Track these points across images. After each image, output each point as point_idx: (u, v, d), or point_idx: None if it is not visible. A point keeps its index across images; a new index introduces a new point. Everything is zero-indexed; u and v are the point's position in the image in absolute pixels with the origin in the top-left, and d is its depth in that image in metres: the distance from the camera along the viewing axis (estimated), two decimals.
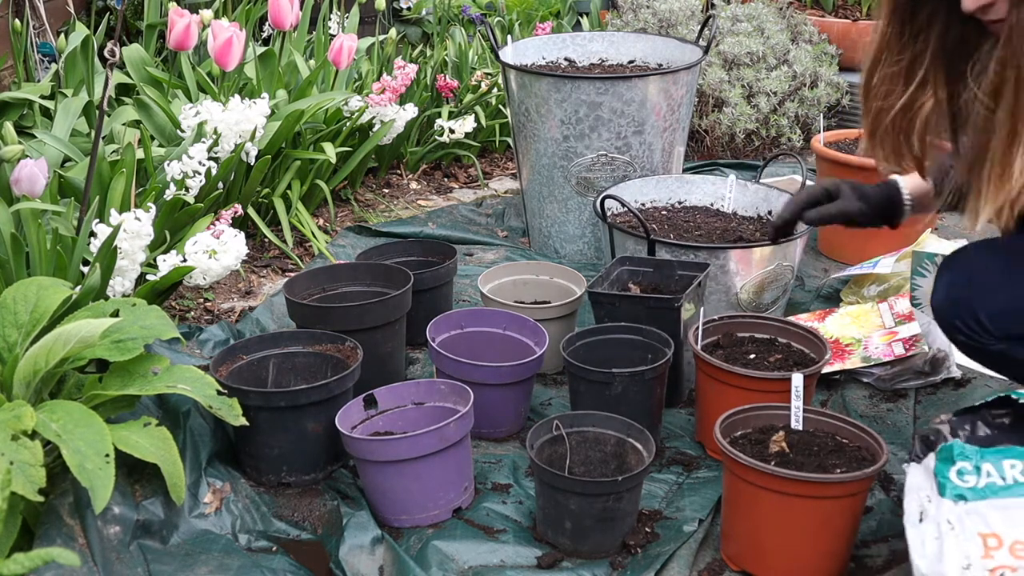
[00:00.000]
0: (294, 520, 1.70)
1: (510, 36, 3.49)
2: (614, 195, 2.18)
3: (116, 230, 1.85)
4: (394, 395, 1.78)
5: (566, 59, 2.99)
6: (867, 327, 2.19)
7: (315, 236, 2.70)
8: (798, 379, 1.61)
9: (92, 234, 1.93)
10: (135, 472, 1.59)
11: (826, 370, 2.06)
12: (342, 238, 2.78)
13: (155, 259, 2.04)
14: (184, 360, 1.91)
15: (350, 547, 1.59)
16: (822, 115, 3.26)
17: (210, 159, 2.29)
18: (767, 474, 1.46)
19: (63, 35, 2.93)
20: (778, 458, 1.55)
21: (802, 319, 2.25)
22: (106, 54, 1.88)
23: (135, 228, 1.91)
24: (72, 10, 3.26)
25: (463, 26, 4.21)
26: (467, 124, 3.24)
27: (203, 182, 2.25)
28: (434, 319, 2.00)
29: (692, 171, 3.30)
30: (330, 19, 3.56)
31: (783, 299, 2.23)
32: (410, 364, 2.20)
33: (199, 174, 2.23)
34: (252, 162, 2.50)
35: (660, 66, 2.91)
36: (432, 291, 2.23)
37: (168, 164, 2.24)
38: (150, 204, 2.05)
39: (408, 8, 4.37)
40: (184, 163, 2.23)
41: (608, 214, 2.25)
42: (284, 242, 2.63)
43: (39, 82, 2.96)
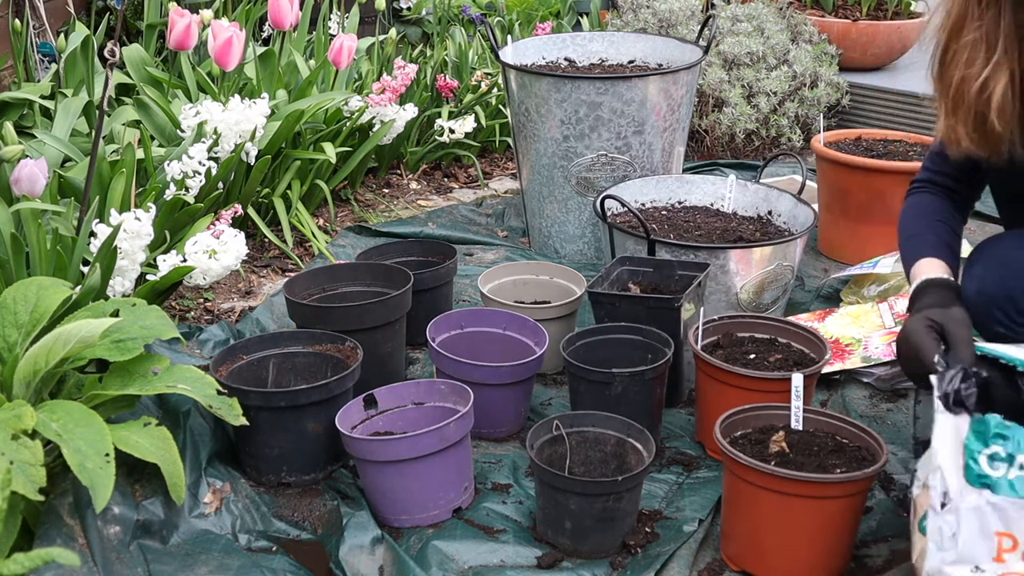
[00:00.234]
0: (294, 520, 1.69)
1: (510, 36, 3.50)
2: (614, 195, 2.18)
3: (116, 230, 1.85)
4: (394, 395, 1.78)
5: (566, 59, 2.99)
6: (867, 327, 2.19)
7: (315, 236, 2.70)
8: (798, 379, 1.61)
9: (92, 234, 1.93)
10: (135, 472, 1.59)
11: (826, 370, 2.06)
12: (342, 238, 2.78)
13: (155, 259, 2.04)
14: (184, 360, 1.91)
15: (350, 547, 1.59)
16: (822, 115, 3.26)
17: (210, 159, 2.29)
18: (767, 474, 1.46)
19: (63, 35, 2.93)
20: (778, 458, 1.55)
21: (802, 319, 2.25)
22: (106, 54, 1.88)
23: (135, 228, 1.91)
24: (72, 10, 3.26)
25: (463, 26, 4.21)
26: (467, 124, 3.24)
27: (203, 182, 2.25)
28: (434, 319, 2.00)
29: (692, 171, 3.30)
30: (330, 19, 3.56)
31: (783, 299, 2.23)
32: (410, 364, 2.20)
33: (199, 174, 2.23)
34: (252, 162, 2.50)
35: (660, 66, 2.91)
36: (432, 291, 2.23)
37: (168, 164, 2.24)
38: (150, 204, 2.05)
39: (408, 8, 4.37)
40: (184, 163, 2.23)
41: (608, 214, 2.25)
42: (284, 242, 2.63)
43: (39, 82, 2.96)
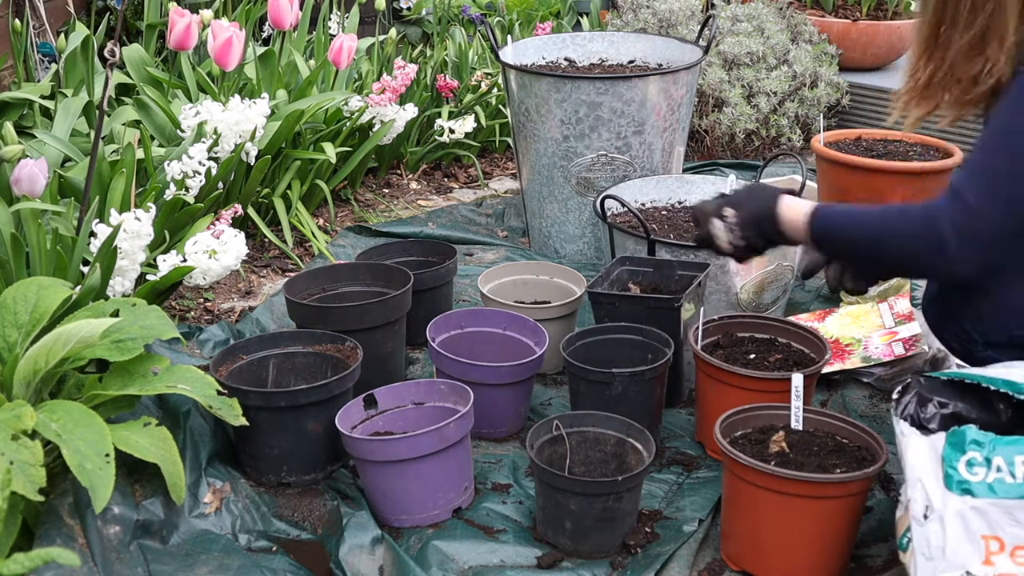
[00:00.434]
0: (294, 520, 1.69)
1: (510, 36, 3.50)
2: (614, 195, 2.18)
3: (116, 230, 1.85)
4: (394, 395, 1.78)
5: (566, 59, 2.99)
6: (867, 327, 2.19)
7: (315, 236, 2.70)
8: (798, 379, 1.61)
9: (92, 234, 1.93)
10: (135, 472, 1.59)
11: (826, 370, 2.06)
12: (342, 238, 2.78)
13: (155, 259, 2.04)
14: (184, 360, 1.91)
15: (350, 547, 1.59)
16: (822, 115, 3.26)
17: (210, 159, 2.29)
18: (767, 474, 1.46)
19: (63, 35, 2.93)
20: (778, 458, 1.55)
21: (802, 319, 2.25)
22: (106, 54, 1.88)
23: (135, 228, 1.91)
24: (72, 10, 3.26)
25: (463, 26, 4.21)
26: (467, 124, 3.24)
27: (203, 182, 2.25)
28: (434, 319, 2.00)
29: (692, 171, 3.30)
30: (330, 19, 3.56)
31: (783, 299, 2.23)
32: (410, 364, 2.20)
33: (199, 174, 2.23)
34: (252, 162, 2.50)
35: (660, 66, 2.91)
36: (432, 291, 2.23)
37: (168, 164, 2.24)
38: (150, 204, 2.05)
39: (408, 8, 4.37)
40: (184, 163, 2.23)
41: (608, 214, 2.25)
42: (284, 242, 2.63)
43: (39, 82, 2.96)
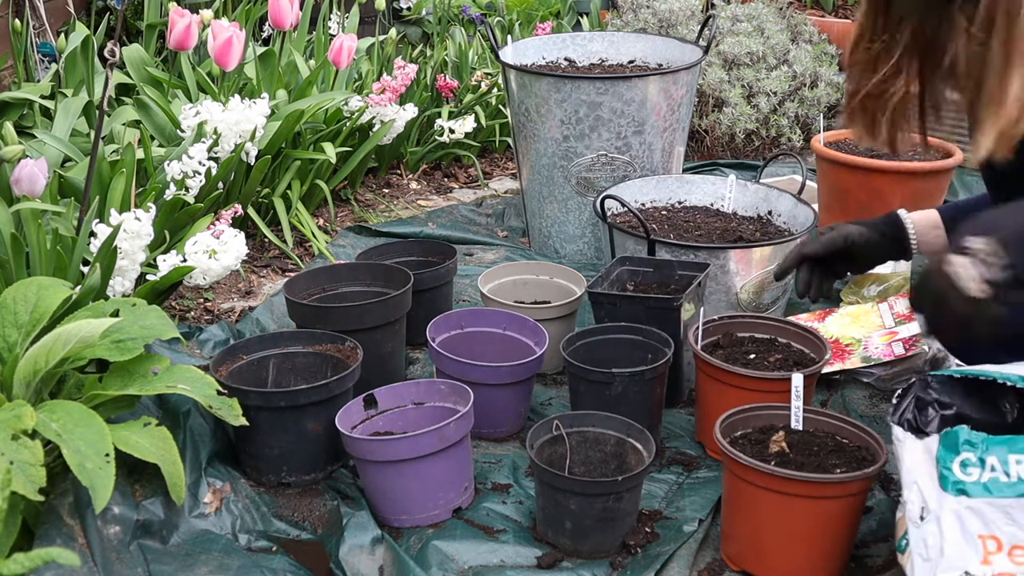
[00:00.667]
0: (294, 520, 1.69)
1: (510, 36, 3.50)
2: (614, 195, 2.17)
3: (116, 230, 1.85)
4: (394, 395, 1.78)
5: (566, 59, 2.99)
6: (867, 327, 2.19)
7: (315, 236, 2.70)
8: (798, 379, 1.61)
9: (92, 234, 1.93)
10: (135, 472, 1.59)
11: (826, 370, 2.06)
12: (342, 238, 2.78)
13: (155, 259, 2.04)
14: (184, 360, 1.91)
15: (350, 547, 1.59)
16: (822, 115, 3.26)
17: (210, 159, 2.29)
18: (767, 474, 1.46)
19: (63, 35, 2.93)
20: (778, 458, 1.55)
21: (802, 319, 2.25)
22: (106, 54, 1.88)
23: (135, 228, 1.91)
24: (72, 10, 3.26)
25: (463, 26, 4.21)
26: (467, 124, 3.24)
27: (203, 182, 2.25)
28: (434, 319, 2.00)
29: (692, 171, 3.30)
30: (330, 19, 3.57)
31: (783, 299, 2.23)
32: (410, 364, 2.20)
33: (199, 174, 2.23)
34: (252, 162, 2.50)
35: (660, 66, 2.91)
36: (432, 291, 2.23)
37: (168, 164, 2.24)
38: (150, 204, 2.05)
39: (408, 8, 4.37)
40: (184, 163, 2.23)
41: (608, 214, 2.25)
42: (284, 242, 2.63)
43: (39, 82, 2.97)
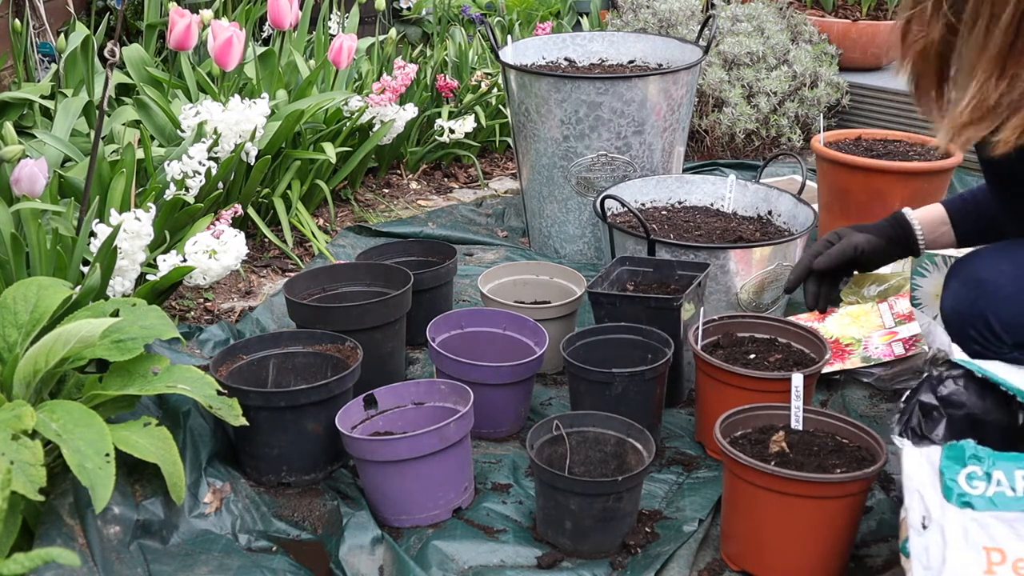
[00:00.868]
0: (294, 520, 1.69)
1: (510, 36, 3.50)
2: (614, 195, 2.17)
3: (116, 230, 1.85)
4: (394, 395, 1.78)
5: (566, 59, 2.99)
6: (867, 327, 2.19)
7: (315, 236, 2.70)
8: (798, 379, 1.61)
9: (92, 234, 1.93)
10: (135, 472, 1.59)
11: (826, 370, 2.06)
12: (342, 238, 2.78)
13: (155, 259, 2.04)
14: (184, 360, 1.91)
15: (350, 547, 1.59)
16: (822, 115, 3.26)
17: (210, 159, 2.29)
18: (767, 474, 1.46)
19: (63, 35, 2.92)
20: (778, 458, 1.55)
21: (802, 319, 2.25)
22: (106, 54, 1.88)
23: (135, 228, 1.91)
24: (72, 10, 3.26)
25: (463, 26, 4.21)
26: (467, 124, 3.24)
27: (203, 182, 2.25)
28: (434, 319, 2.00)
29: (692, 171, 3.30)
30: (330, 19, 3.57)
31: (783, 299, 2.23)
32: (410, 364, 2.20)
33: (199, 174, 2.23)
34: (252, 162, 2.50)
35: (660, 66, 2.91)
36: (432, 291, 2.23)
37: (168, 164, 2.24)
38: (150, 204, 2.05)
39: (408, 8, 4.37)
40: (184, 163, 2.23)
41: (608, 214, 2.25)
42: (284, 242, 2.63)
43: (39, 82, 2.96)
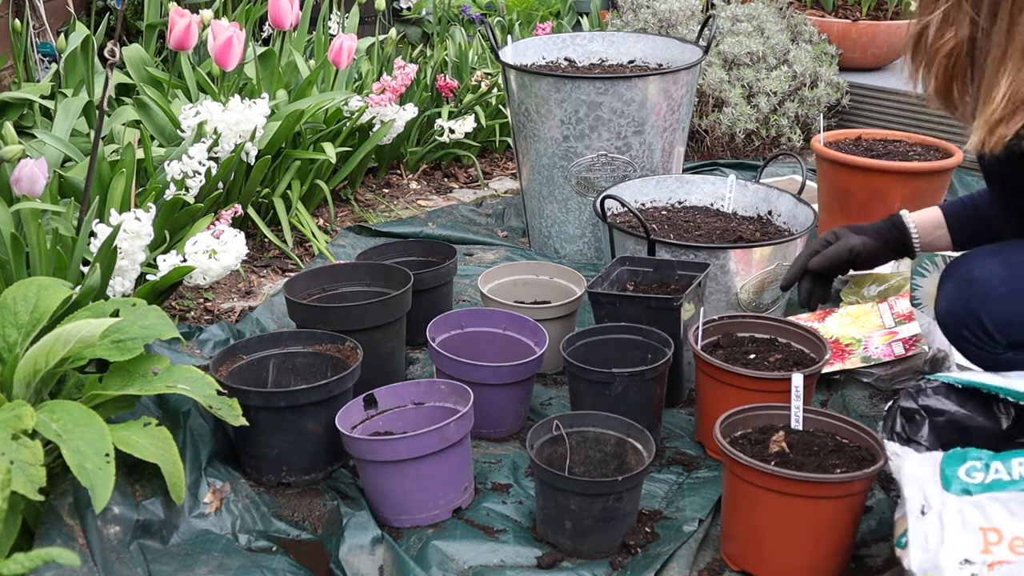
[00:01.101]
0: (294, 520, 1.69)
1: (510, 36, 3.50)
2: (614, 195, 2.17)
3: (116, 230, 1.85)
4: (394, 395, 1.78)
5: (566, 59, 2.99)
6: (867, 327, 2.19)
7: (315, 236, 2.70)
8: (798, 379, 1.61)
9: (92, 234, 1.93)
10: (135, 472, 1.59)
11: (826, 370, 2.06)
12: (342, 238, 2.78)
13: (155, 259, 2.04)
14: (184, 360, 1.91)
15: (350, 547, 1.59)
16: (822, 115, 3.26)
17: (210, 159, 2.29)
18: (767, 474, 1.46)
19: (63, 35, 2.93)
20: (778, 458, 1.55)
21: (802, 319, 2.25)
22: (106, 54, 1.88)
23: (135, 228, 1.91)
24: (72, 10, 3.26)
25: (463, 26, 4.21)
26: (467, 124, 3.24)
27: (203, 182, 2.25)
28: (434, 319, 2.00)
29: (692, 171, 3.30)
30: (330, 19, 3.57)
31: (783, 299, 2.23)
32: (410, 364, 2.20)
33: (199, 174, 2.23)
34: (252, 162, 2.50)
35: (660, 66, 2.91)
36: (432, 291, 2.23)
37: (168, 164, 2.24)
38: (150, 204, 2.05)
39: (408, 8, 4.37)
40: (184, 163, 2.23)
41: (608, 214, 2.25)
42: (284, 242, 2.63)
43: (39, 82, 2.96)
